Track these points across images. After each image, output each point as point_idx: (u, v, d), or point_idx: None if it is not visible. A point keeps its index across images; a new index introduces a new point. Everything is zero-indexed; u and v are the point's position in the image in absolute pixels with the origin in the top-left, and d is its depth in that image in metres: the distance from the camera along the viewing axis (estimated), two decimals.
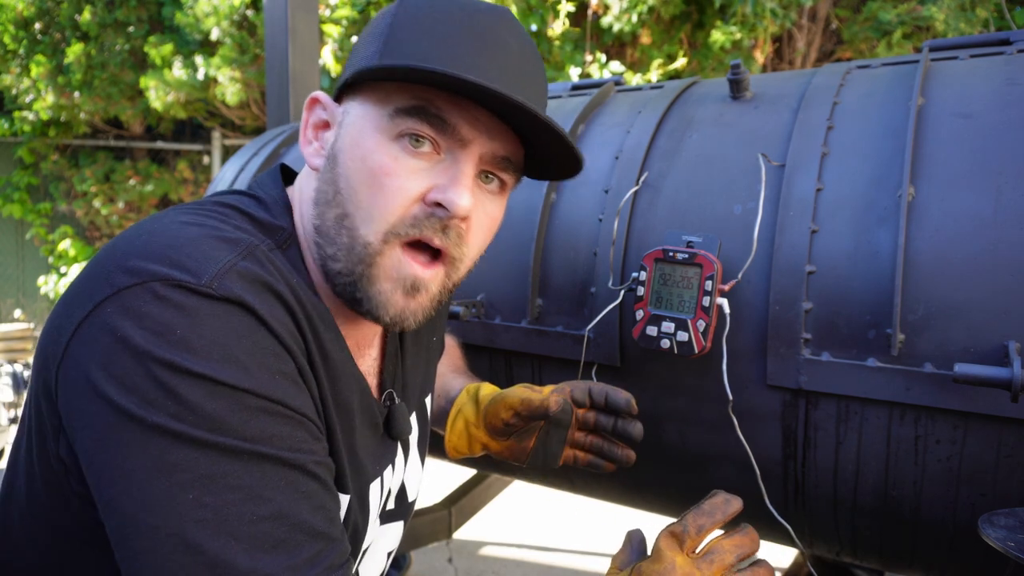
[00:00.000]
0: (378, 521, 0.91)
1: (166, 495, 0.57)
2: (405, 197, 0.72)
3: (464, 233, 0.76)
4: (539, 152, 0.79)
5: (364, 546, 0.87)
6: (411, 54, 0.71)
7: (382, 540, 0.95)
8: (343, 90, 0.78)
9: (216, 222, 0.70)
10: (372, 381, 0.89)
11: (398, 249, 0.73)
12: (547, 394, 1.07)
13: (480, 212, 0.77)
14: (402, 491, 0.97)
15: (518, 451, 1.11)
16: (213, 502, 0.58)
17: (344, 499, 0.77)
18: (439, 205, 0.72)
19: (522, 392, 1.06)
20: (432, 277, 0.76)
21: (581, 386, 1.08)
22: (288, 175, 0.89)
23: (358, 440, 0.80)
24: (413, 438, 0.98)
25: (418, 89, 0.71)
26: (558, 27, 5.08)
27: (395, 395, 0.90)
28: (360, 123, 0.74)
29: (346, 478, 0.77)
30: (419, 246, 0.75)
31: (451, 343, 1.34)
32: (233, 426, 0.60)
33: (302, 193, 0.81)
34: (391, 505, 0.95)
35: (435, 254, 0.76)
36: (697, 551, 0.73)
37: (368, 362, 0.89)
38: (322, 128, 0.81)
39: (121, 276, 0.61)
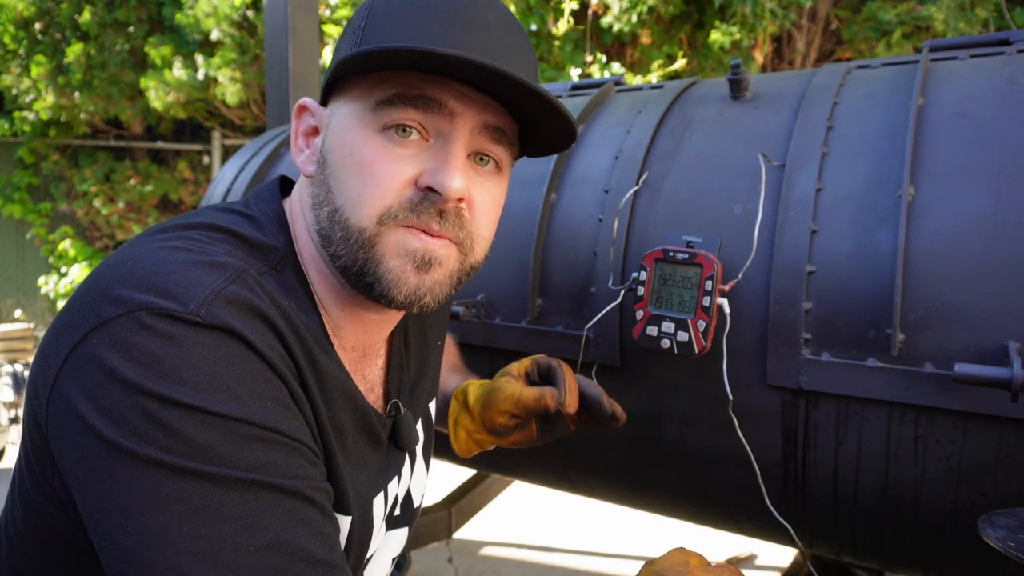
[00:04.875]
0: (384, 527, 0.90)
1: (161, 529, 0.56)
2: (395, 181, 0.71)
3: (464, 215, 0.74)
4: (533, 126, 0.78)
5: (369, 554, 0.86)
6: (387, 41, 0.69)
7: (387, 546, 0.94)
8: (328, 92, 0.77)
9: (204, 246, 0.68)
10: (378, 391, 0.88)
11: (399, 228, 0.71)
12: (521, 371, 1.06)
13: (480, 193, 0.75)
14: (408, 498, 0.96)
15: (526, 438, 1.10)
16: (209, 534, 0.56)
17: (346, 520, 0.76)
18: (431, 190, 0.71)
19: (509, 389, 1.03)
20: (443, 249, 0.73)
21: (543, 360, 1.08)
22: (287, 187, 0.87)
23: (358, 459, 0.79)
24: (419, 446, 0.97)
25: (397, 77, 0.71)
26: (562, 26, 5.08)
27: (400, 405, 0.89)
28: (345, 121, 0.74)
29: (347, 498, 0.75)
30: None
31: (447, 339, 1.33)
32: (226, 456, 0.58)
33: (301, 202, 0.79)
34: (397, 512, 0.94)
35: None
36: None
37: (374, 371, 0.88)
38: (312, 135, 0.80)
39: (107, 306, 0.60)
